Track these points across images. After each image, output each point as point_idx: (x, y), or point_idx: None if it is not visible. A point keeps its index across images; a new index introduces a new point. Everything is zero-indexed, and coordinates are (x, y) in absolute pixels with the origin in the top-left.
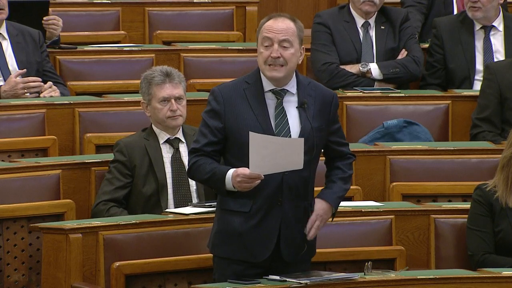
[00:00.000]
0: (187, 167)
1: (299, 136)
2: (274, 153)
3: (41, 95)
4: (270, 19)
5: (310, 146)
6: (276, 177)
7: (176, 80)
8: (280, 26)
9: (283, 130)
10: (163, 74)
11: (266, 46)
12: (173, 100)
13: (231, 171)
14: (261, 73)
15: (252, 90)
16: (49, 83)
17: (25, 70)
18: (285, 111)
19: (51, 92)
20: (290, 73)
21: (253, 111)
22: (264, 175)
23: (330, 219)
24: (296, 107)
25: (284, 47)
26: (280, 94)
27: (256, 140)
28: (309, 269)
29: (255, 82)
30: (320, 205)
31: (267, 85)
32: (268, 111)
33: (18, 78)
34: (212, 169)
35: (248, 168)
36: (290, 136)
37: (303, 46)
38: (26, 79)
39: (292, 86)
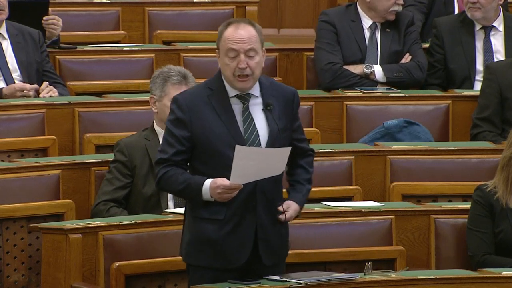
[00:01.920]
0: None
1: (268, 139)
2: (259, 163)
3: (40, 95)
4: (229, 25)
5: (279, 147)
6: (249, 183)
7: (191, 84)
8: (243, 35)
9: (252, 134)
10: (181, 75)
11: (232, 58)
12: None
13: (208, 182)
14: (223, 79)
15: (216, 97)
16: (45, 83)
17: (36, 86)
18: (251, 116)
19: (49, 92)
20: (256, 80)
21: (220, 118)
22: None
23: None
24: (262, 110)
25: (250, 56)
26: (245, 98)
27: (242, 153)
28: (285, 269)
29: (218, 88)
30: (292, 206)
31: (231, 91)
32: (235, 116)
33: (17, 84)
34: (186, 180)
35: (225, 177)
36: (259, 141)
37: (264, 48)
38: (23, 87)
39: (255, 89)
